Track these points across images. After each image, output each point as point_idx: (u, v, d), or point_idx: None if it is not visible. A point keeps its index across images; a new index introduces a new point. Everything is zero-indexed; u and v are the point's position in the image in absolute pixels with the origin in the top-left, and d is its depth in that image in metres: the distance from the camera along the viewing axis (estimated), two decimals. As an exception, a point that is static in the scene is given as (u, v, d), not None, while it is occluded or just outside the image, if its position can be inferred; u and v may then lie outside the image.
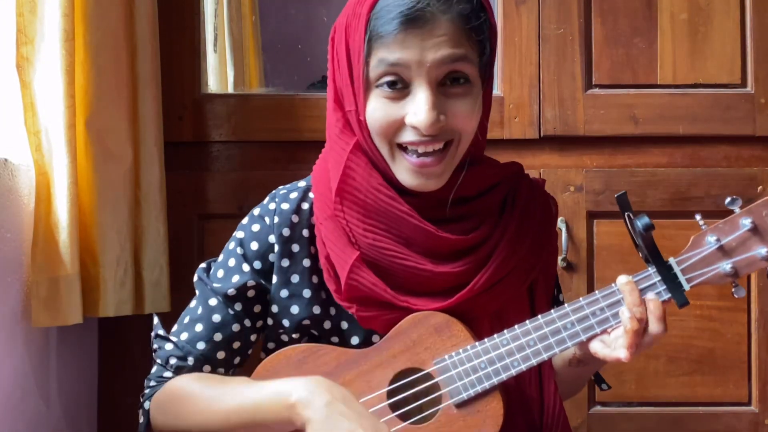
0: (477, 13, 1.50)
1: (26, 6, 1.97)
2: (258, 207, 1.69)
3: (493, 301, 1.59)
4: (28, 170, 1.98)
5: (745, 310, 2.41)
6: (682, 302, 1.50)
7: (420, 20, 1.45)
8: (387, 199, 1.55)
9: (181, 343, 1.65)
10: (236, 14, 2.80)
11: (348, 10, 1.54)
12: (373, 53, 1.48)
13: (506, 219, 1.62)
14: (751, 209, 1.48)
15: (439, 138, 1.50)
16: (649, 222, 1.46)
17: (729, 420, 2.41)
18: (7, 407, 1.89)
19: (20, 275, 1.94)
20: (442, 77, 1.49)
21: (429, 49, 1.46)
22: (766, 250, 1.47)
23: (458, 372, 1.52)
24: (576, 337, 1.50)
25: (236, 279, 1.65)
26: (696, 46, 2.43)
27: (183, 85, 2.44)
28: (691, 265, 1.49)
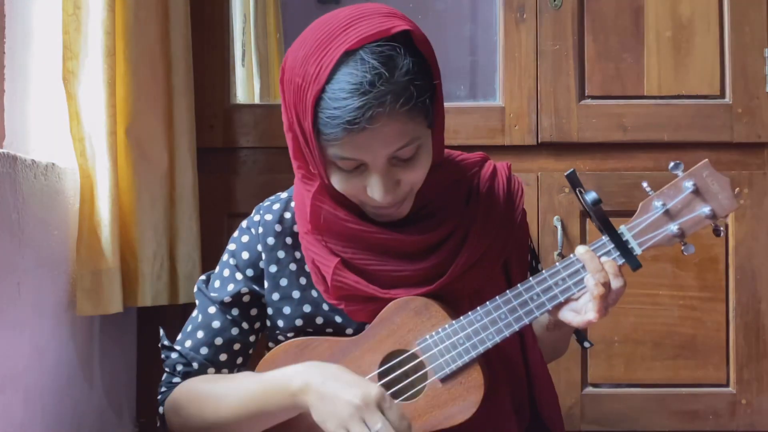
0: (417, 100, 1.41)
1: (72, 25, 1.96)
2: (246, 220, 1.69)
3: (471, 283, 1.57)
4: (73, 173, 1.97)
5: (724, 300, 2.40)
6: (635, 265, 1.48)
7: (364, 126, 1.37)
8: (355, 226, 1.54)
9: (185, 351, 1.65)
10: (262, 32, 2.79)
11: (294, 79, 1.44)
12: (325, 145, 1.43)
13: (472, 208, 1.60)
14: (692, 172, 1.46)
15: (397, 198, 1.49)
16: (596, 197, 1.46)
17: (709, 400, 2.39)
18: (54, 389, 1.88)
19: (66, 268, 1.93)
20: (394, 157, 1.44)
21: (377, 149, 1.41)
22: (709, 208, 1.45)
23: (439, 349, 1.51)
24: (543, 306, 1.49)
25: (231, 287, 1.65)
26: (679, 60, 2.42)
27: (214, 96, 2.43)
28: (641, 230, 1.48)
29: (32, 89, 2.04)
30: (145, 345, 2.38)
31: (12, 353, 1.68)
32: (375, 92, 1.36)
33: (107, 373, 2.17)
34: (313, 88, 1.39)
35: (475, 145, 2.34)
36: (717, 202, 1.46)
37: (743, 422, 2.38)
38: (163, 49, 2.20)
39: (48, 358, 1.85)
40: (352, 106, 1.36)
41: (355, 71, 1.37)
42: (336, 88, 1.38)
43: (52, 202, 1.86)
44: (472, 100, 2.61)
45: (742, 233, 2.38)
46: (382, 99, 1.37)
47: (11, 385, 1.67)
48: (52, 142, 2.03)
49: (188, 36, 2.27)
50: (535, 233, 2.37)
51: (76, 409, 1.98)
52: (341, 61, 1.38)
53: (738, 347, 2.39)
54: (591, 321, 1.43)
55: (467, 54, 2.80)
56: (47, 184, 1.83)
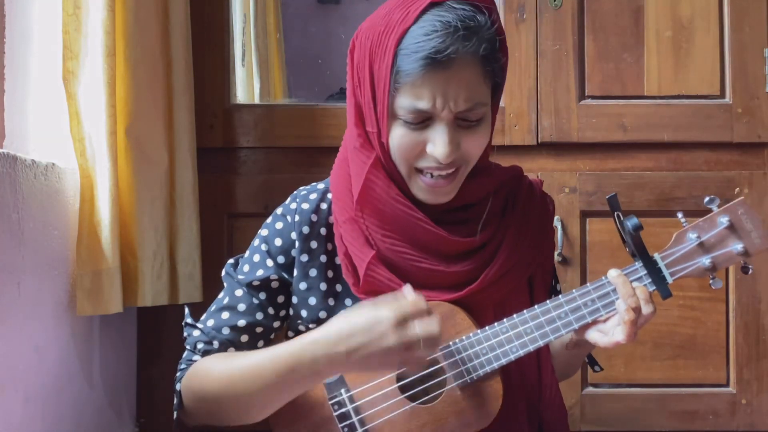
0: (496, 54, 1.48)
1: (72, 25, 1.96)
2: (281, 207, 1.67)
3: (498, 293, 1.58)
4: (73, 173, 1.96)
5: (723, 300, 2.40)
6: (665, 294, 1.50)
7: (445, 63, 1.42)
8: (404, 208, 1.54)
9: (207, 329, 1.63)
10: (262, 32, 2.79)
11: (372, 33, 1.50)
12: (399, 91, 1.45)
13: (508, 219, 1.61)
14: (728, 208, 1.49)
15: (453, 164, 1.49)
16: (637, 223, 1.47)
17: (709, 400, 2.39)
18: (54, 389, 1.87)
19: (66, 268, 1.93)
20: (461, 117, 1.47)
21: (450, 97, 1.43)
22: (742, 245, 1.48)
23: (462, 357, 1.51)
24: (569, 325, 1.50)
25: (260, 273, 1.63)
26: (679, 61, 2.42)
27: (214, 96, 2.43)
28: (674, 260, 1.50)
29: (32, 89, 2.03)
30: (145, 345, 2.38)
31: (12, 353, 1.67)
32: (462, 32, 1.42)
33: (107, 373, 2.17)
34: (398, 28, 1.45)
35: (475, 145, 2.34)
36: (750, 240, 1.48)
37: (743, 422, 2.38)
38: (163, 49, 2.19)
39: (48, 358, 1.84)
40: (438, 39, 1.41)
41: (444, 13, 1.43)
42: (425, 25, 1.43)
43: (52, 202, 1.86)
44: (472, 100, 2.60)
45: (742, 233, 2.38)
46: (468, 36, 1.42)
47: (11, 385, 1.67)
48: (52, 142, 2.02)
49: (188, 36, 2.27)
50: (535, 233, 2.37)
51: (76, 409, 1.98)
52: (428, 9, 1.45)
53: (738, 347, 2.39)
54: (619, 343, 1.44)
55: (467, 54, 2.79)
56: (47, 184, 1.83)
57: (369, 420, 1.53)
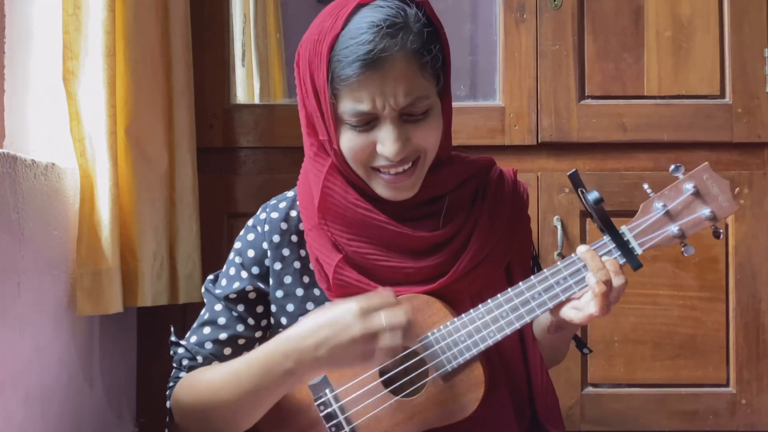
0: (428, 45, 1.47)
1: (72, 25, 1.96)
2: (252, 218, 1.70)
3: (473, 284, 1.58)
4: (73, 173, 1.96)
5: (723, 300, 2.40)
6: (636, 265, 1.49)
7: (378, 63, 1.42)
8: (364, 212, 1.55)
9: (190, 346, 1.66)
10: (262, 32, 2.79)
11: (308, 43, 1.51)
12: (339, 96, 1.46)
13: (477, 210, 1.61)
14: (693, 174, 1.48)
15: (407, 159, 1.50)
16: (598, 196, 1.47)
17: (709, 400, 2.39)
18: (54, 389, 1.88)
19: (66, 268, 1.93)
20: (405, 113, 1.47)
21: (389, 95, 1.44)
22: (709, 210, 1.47)
23: (440, 347, 1.52)
24: (544, 305, 1.50)
25: (237, 285, 1.65)
26: (679, 61, 2.42)
27: (214, 96, 2.43)
28: (642, 230, 1.49)
29: (32, 89, 2.03)
30: (145, 345, 2.38)
31: (12, 353, 1.67)
32: (389, 28, 1.43)
33: (107, 373, 2.17)
34: (329, 35, 1.46)
35: (475, 145, 2.34)
36: (717, 204, 1.47)
37: (743, 422, 2.38)
38: (163, 49, 2.19)
39: (48, 358, 1.84)
40: (367, 38, 1.42)
41: (371, 13, 1.44)
42: (352, 28, 1.44)
43: (52, 202, 1.86)
44: (472, 100, 2.61)
45: (742, 233, 2.38)
46: (395, 33, 1.43)
47: (11, 385, 1.67)
48: (52, 142, 2.03)
49: (188, 36, 2.27)
50: (535, 233, 2.37)
51: (76, 409, 1.98)
52: (356, 10, 1.46)
53: (738, 347, 2.39)
54: (593, 315, 1.44)
55: (467, 54, 2.79)
56: (47, 184, 1.83)
57: (355, 417, 1.54)
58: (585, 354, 1.82)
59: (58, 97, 1.99)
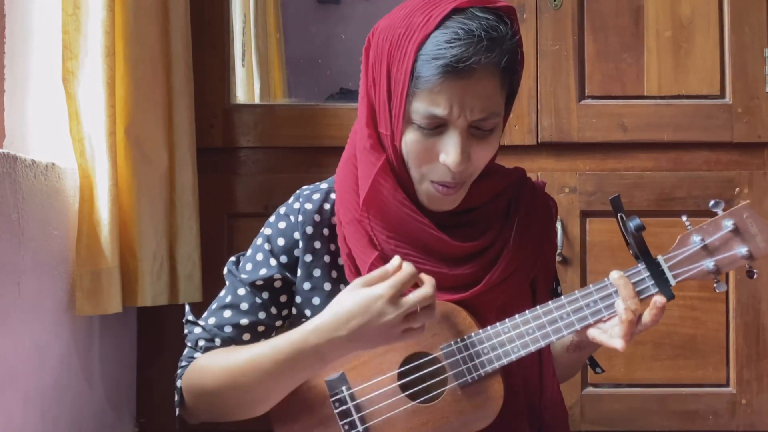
0: (515, 66, 1.48)
1: (71, 25, 1.96)
2: (284, 206, 1.67)
3: (500, 296, 1.58)
4: (73, 173, 1.96)
5: (723, 300, 2.40)
6: (668, 296, 1.49)
7: (464, 72, 1.41)
8: (409, 212, 1.54)
9: (209, 327, 1.63)
10: (262, 32, 2.79)
11: (391, 34, 1.48)
12: (416, 95, 1.45)
13: (510, 222, 1.61)
14: (733, 212, 1.48)
15: (464, 173, 1.49)
16: (640, 223, 1.46)
17: (709, 400, 2.39)
18: (55, 388, 1.88)
19: (66, 268, 1.93)
20: (474, 123, 1.46)
21: (467, 106, 1.43)
22: (746, 249, 1.47)
23: (463, 357, 1.51)
24: (571, 326, 1.50)
25: (263, 272, 1.63)
26: (679, 61, 2.42)
27: (214, 96, 2.43)
28: (678, 262, 1.49)
29: (32, 89, 2.04)
30: (145, 345, 2.38)
31: (12, 353, 1.67)
32: (485, 43, 1.41)
33: (107, 373, 2.17)
34: (419, 33, 1.43)
35: (475, 145, 2.34)
36: (755, 243, 1.48)
37: (743, 422, 2.38)
38: (162, 49, 2.19)
39: (48, 358, 1.85)
40: (460, 48, 1.40)
41: (468, 21, 1.42)
42: (446, 31, 1.42)
43: (52, 202, 1.86)
44: (472, 100, 2.60)
45: (742, 233, 2.38)
46: (489, 51, 1.41)
47: (11, 385, 1.67)
48: (52, 142, 2.03)
49: (188, 36, 2.27)
50: (535, 233, 2.37)
51: (76, 409, 1.98)
52: (451, 15, 1.43)
53: (738, 347, 2.39)
54: (616, 348, 1.45)
55: (467, 54, 2.79)
56: (47, 184, 1.83)
57: (369, 418, 1.53)
58: (597, 373, 1.82)
59: (58, 97, 1.99)
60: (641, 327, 1.46)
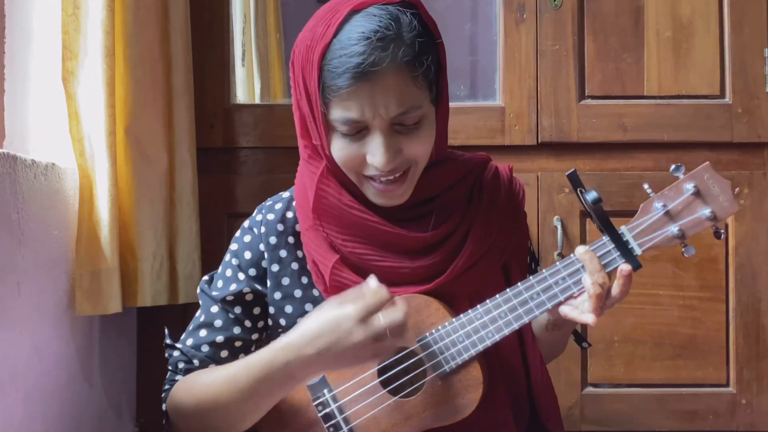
0: (421, 57, 1.44)
1: (71, 25, 1.96)
2: (248, 220, 1.69)
3: (470, 284, 1.58)
4: (73, 173, 1.96)
5: (723, 300, 2.40)
6: (635, 265, 1.47)
7: (368, 75, 1.40)
8: (358, 213, 1.55)
9: (186, 348, 1.65)
10: (262, 32, 2.79)
11: (302, 46, 1.49)
12: (330, 104, 1.45)
13: (474, 208, 1.60)
14: (693, 174, 1.47)
15: (396, 169, 1.49)
16: (597, 196, 1.45)
17: (709, 400, 2.39)
18: (54, 389, 1.88)
19: (67, 268, 1.93)
20: (396, 123, 1.46)
21: (380, 105, 1.42)
22: (710, 210, 1.45)
23: (439, 347, 1.52)
24: (542, 305, 1.49)
25: (233, 287, 1.65)
26: (679, 60, 2.42)
27: (214, 96, 2.43)
28: (642, 231, 1.48)
29: (32, 89, 2.04)
30: (145, 345, 2.38)
31: (12, 353, 1.67)
32: (380, 41, 1.40)
33: (107, 373, 2.17)
34: (320, 43, 1.44)
35: (475, 145, 2.34)
36: (717, 204, 1.46)
37: (743, 422, 2.38)
38: (162, 49, 2.19)
39: (48, 358, 1.84)
40: (358, 50, 1.40)
41: (363, 23, 1.42)
42: (343, 38, 1.42)
43: (52, 202, 1.86)
44: (472, 100, 2.61)
45: (742, 233, 2.38)
46: (386, 46, 1.41)
47: (11, 385, 1.67)
48: (52, 142, 2.03)
49: (188, 36, 2.27)
50: (535, 233, 2.37)
51: (76, 409, 1.98)
52: (348, 17, 1.44)
53: (738, 347, 2.39)
54: (586, 323, 1.44)
55: (467, 54, 2.80)
56: (47, 184, 1.83)
57: (353, 418, 1.54)
58: (584, 348, 1.81)
59: (58, 97, 1.99)
60: (612, 299, 1.45)
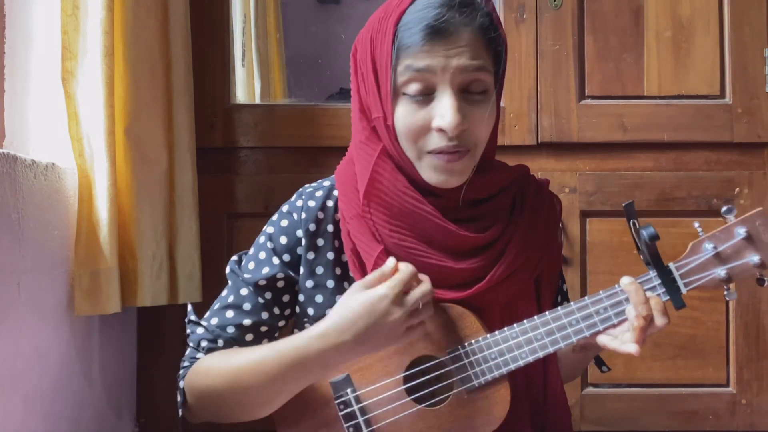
0: (494, 26, 1.49)
1: (70, 25, 1.96)
2: (286, 204, 1.66)
3: (505, 293, 1.57)
4: (73, 173, 1.96)
5: (723, 300, 2.40)
6: (679, 304, 1.48)
7: (444, 31, 1.43)
8: (412, 200, 1.53)
9: (211, 327, 1.63)
10: (262, 32, 2.79)
11: (372, 25, 1.53)
12: (400, 62, 1.46)
13: (516, 218, 1.60)
14: (746, 219, 1.46)
15: (460, 144, 1.48)
16: (654, 232, 1.44)
17: (709, 400, 2.39)
18: (54, 388, 1.88)
19: (67, 268, 1.93)
20: (465, 85, 1.47)
21: (453, 57, 1.44)
22: (759, 257, 1.45)
23: (470, 361, 1.51)
24: (580, 333, 1.49)
25: (266, 271, 1.62)
26: (679, 60, 2.42)
27: (214, 96, 2.43)
28: (689, 270, 1.47)
29: (32, 89, 2.04)
30: (145, 345, 2.38)
31: (12, 353, 1.68)
32: (458, 4, 1.46)
33: (107, 373, 2.17)
34: (396, 11, 1.48)
35: (475, 145, 2.34)
36: (767, 252, 1.46)
37: (743, 422, 2.38)
38: (162, 49, 2.19)
39: (48, 358, 1.85)
40: (436, 10, 1.44)
41: None
42: (420, 3, 1.47)
43: (52, 202, 1.86)
44: (472, 100, 2.61)
45: (742, 233, 2.38)
46: (463, 10, 1.45)
47: (11, 385, 1.67)
48: (52, 142, 2.03)
49: (188, 36, 2.27)
50: (535, 233, 2.37)
51: (76, 409, 1.98)
52: None
53: (738, 347, 2.39)
54: (630, 353, 1.43)
55: (467, 54, 2.79)
56: (47, 184, 1.83)
57: (375, 421, 1.52)
58: (603, 372, 1.81)
59: (58, 97, 1.99)
60: (652, 330, 1.45)
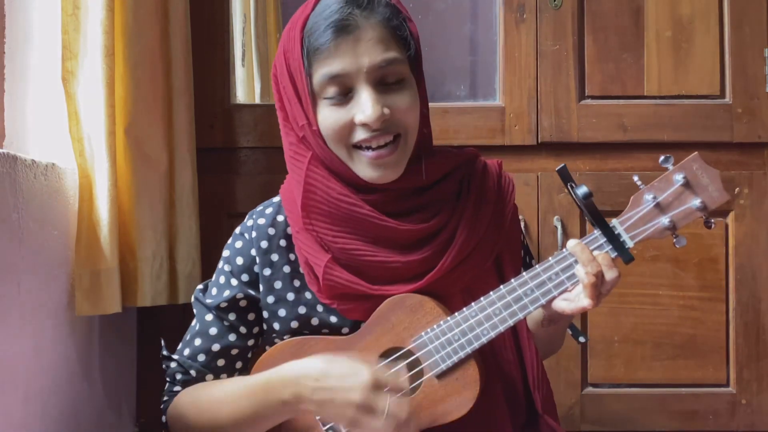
0: (396, 15, 1.51)
1: (71, 25, 1.96)
2: (239, 226, 1.71)
3: (461, 279, 1.59)
4: (73, 173, 1.96)
5: (723, 300, 2.40)
6: (627, 258, 1.49)
7: (348, 27, 1.46)
8: (347, 204, 1.56)
9: (182, 359, 1.67)
10: (262, 32, 2.79)
11: (283, 39, 1.56)
12: (313, 68, 1.49)
13: (463, 203, 1.61)
14: (682, 165, 1.48)
15: (387, 131, 1.50)
16: (587, 191, 1.47)
17: (709, 400, 2.39)
18: (54, 388, 1.88)
19: (67, 268, 1.93)
20: (380, 78, 1.49)
21: (362, 55, 1.47)
22: (700, 200, 1.47)
23: (435, 346, 1.53)
24: (537, 301, 1.50)
25: (227, 293, 1.66)
26: (679, 60, 2.42)
27: (214, 96, 2.43)
28: (633, 223, 1.49)
29: (32, 89, 2.04)
30: (145, 345, 2.38)
31: (12, 353, 1.67)
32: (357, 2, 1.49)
33: (107, 373, 2.17)
34: (300, 18, 1.52)
35: (475, 145, 2.34)
36: (707, 194, 1.47)
37: (743, 422, 2.38)
38: (162, 49, 2.19)
39: (48, 358, 1.85)
40: (336, 9, 1.47)
41: None
42: (321, 6, 1.50)
43: (52, 202, 1.86)
44: (472, 100, 2.61)
45: (742, 233, 2.38)
46: (361, 4, 1.49)
47: (11, 385, 1.67)
48: (52, 142, 2.03)
49: (188, 36, 2.27)
50: (535, 233, 2.37)
51: (76, 409, 1.98)
52: None
53: (738, 347, 2.39)
54: (584, 308, 1.45)
55: (467, 54, 2.79)
56: (47, 184, 1.83)
57: None
58: (580, 343, 1.81)
59: (58, 97, 1.99)
60: (606, 286, 1.46)
